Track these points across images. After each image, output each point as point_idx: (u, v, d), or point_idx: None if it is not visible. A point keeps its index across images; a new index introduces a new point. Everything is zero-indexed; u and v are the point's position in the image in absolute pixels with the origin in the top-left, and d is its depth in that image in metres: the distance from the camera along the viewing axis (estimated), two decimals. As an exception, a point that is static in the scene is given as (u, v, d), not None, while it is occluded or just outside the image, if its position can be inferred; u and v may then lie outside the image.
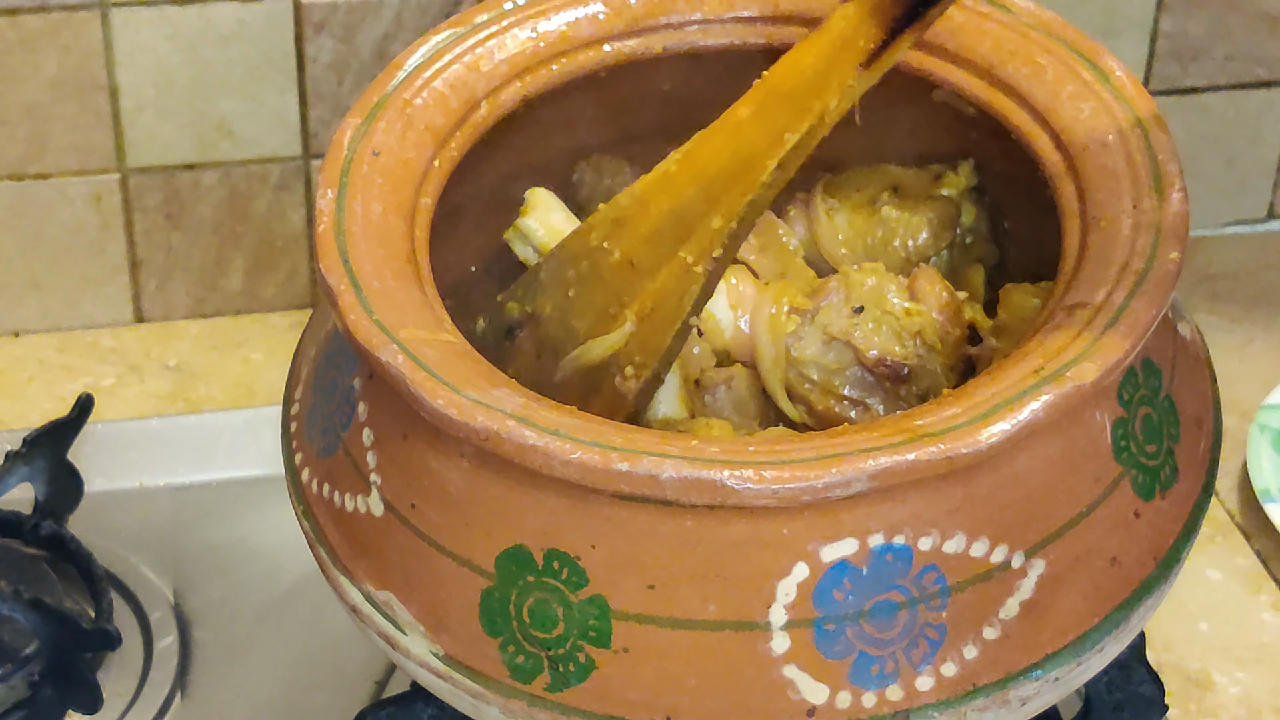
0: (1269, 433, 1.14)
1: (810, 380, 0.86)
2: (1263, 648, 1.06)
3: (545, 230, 0.92)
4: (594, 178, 0.97)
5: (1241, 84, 1.28)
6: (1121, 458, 0.80)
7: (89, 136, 1.17)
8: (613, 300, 0.86)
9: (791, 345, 0.86)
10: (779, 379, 0.86)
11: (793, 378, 0.86)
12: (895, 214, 0.92)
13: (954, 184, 0.94)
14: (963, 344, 0.87)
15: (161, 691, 1.02)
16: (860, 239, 0.93)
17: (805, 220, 0.94)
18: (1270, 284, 1.29)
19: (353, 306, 0.80)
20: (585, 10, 0.93)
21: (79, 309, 1.23)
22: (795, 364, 0.86)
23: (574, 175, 0.97)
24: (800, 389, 0.86)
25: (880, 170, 0.95)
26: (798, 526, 0.75)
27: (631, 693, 0.76)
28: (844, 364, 0.85)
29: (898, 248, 0.92)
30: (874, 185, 0.94)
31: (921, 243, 0.92)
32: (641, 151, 0.99)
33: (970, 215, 0.94)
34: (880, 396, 0.85)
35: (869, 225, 0.93)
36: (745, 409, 0.87)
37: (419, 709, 0.92)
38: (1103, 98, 0.87)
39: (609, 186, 0.97)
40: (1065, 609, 0.78)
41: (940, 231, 0.92)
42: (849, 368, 0.86)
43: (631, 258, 0.86)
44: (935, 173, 0.95)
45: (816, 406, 0.86)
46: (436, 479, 0.78)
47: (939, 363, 0.85)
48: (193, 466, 1.14)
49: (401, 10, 1.16)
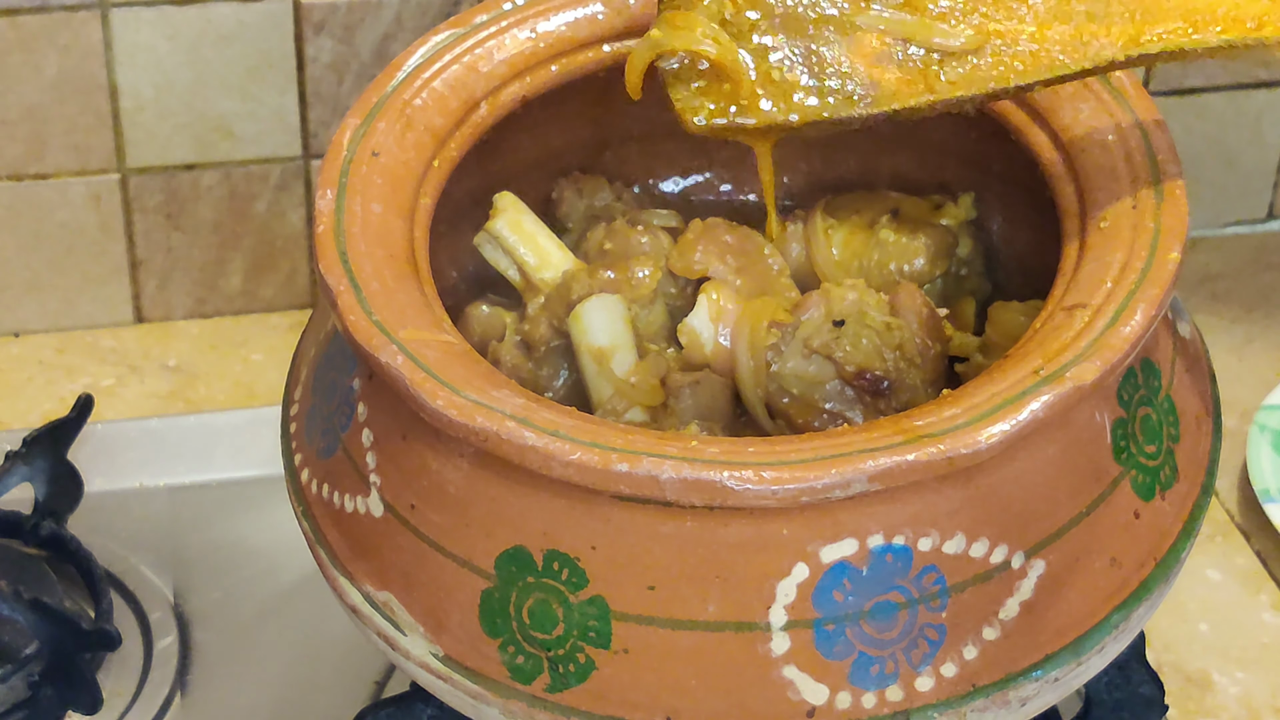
0: (1269, 433, 1.14)
1: (790, 394, 0.86)
2: (1262, 648, 1.06)
3: (515, 234, 0.91)
4: (573, 195, 0.97)
5: (1241, 84, 1.28)
6: (1121, 458, 0.80)
7: (89, 137, 1.17)
8: None
9: (772, 359, 0.86)
10: (759, 394, 0.86)
11: (772, 391, 0.86)
12: (892, 237, 0.92)
13: (953, 214, 0.94)
14: (942, 359, 0.87)
15: (161, 691, 1.02)
16: (855, 259, 0.93)
17: (802, 238, 0.94)
18: (1270, 284, 1.29)
19: (352, 307, 0.80)
20: (585, 11, 0.93)
21: (79, 309, 1.23)
22: (775, 378, 0.86)
23: (553, 193, 0.97)
24: (779, 403, 0.86)
25: (881, 195, 0.95)
26: (797, 527, 0.75)
27: (631, 693, 0.76)
28: (824, 378, 0.85)
29: (892, 271, 0.92)
30: (874, 208, 0.94)
31: (916, 268, 0.92)
32: (640, 151, 0.99)
33: (967, 247, 0.94)
34: (860, 410, 0.85)
35: (865, 247, 0.93)
36: (711, 413, 0.87)
37: (419, 709, 0.92)
38: (1102, 98, 0.87)
39: (589, 205, 0.97)
40: (1065, 609, 0.78)
41: (935, 259, 0.92)
42: (829, 381, 0.85)
43: None
44: (936, 202, 0.95)
45: (796, 420, 0.85)
46: (436, 480, 0.78)
47: (919, 377, 0.85)
48: (192, 467, 1.14)
49: (401, 10, 1.16)
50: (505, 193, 0.92)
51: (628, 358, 0.88)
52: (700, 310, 0.88)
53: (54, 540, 1.06)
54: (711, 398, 0.86)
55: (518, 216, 0.92)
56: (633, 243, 0.91)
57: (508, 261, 0.92)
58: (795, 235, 0.94)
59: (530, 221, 0.92)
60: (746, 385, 0.86)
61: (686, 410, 0.86)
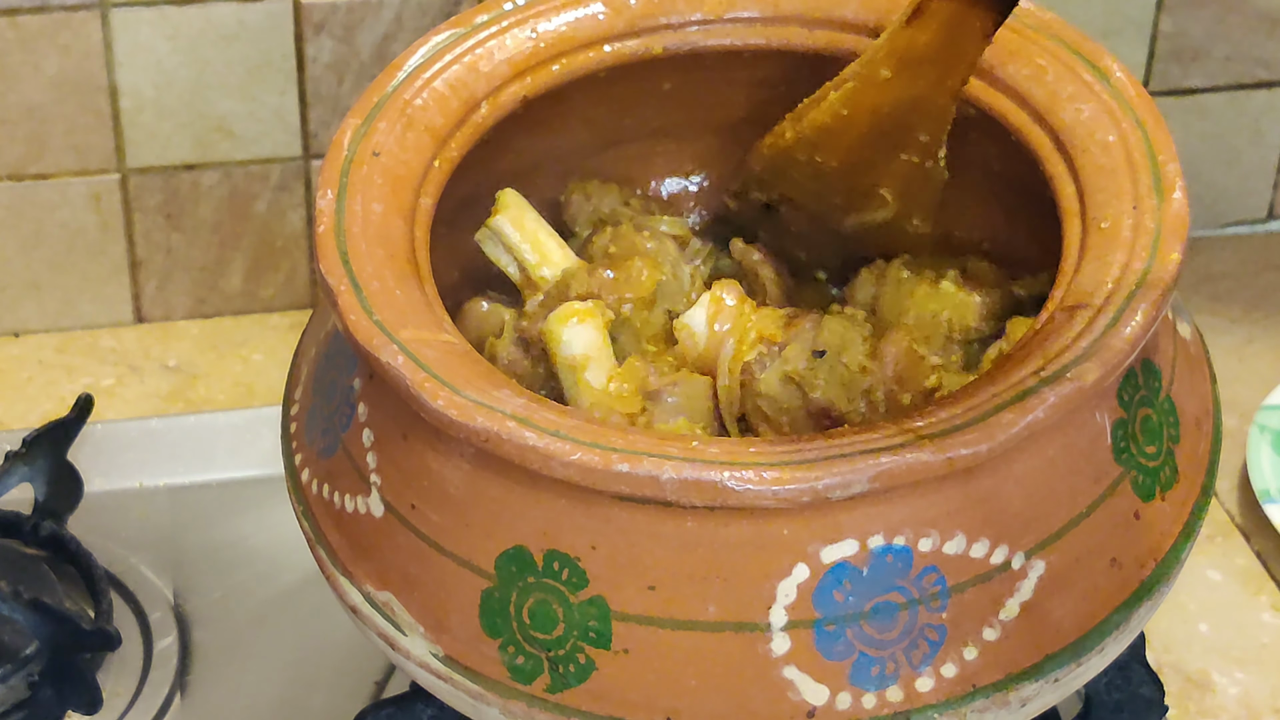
0: (1269, 433, 1.14)
1: (761, 412, 0.86)
2: (1262, 648, 1.06)
3: (517, 231, 0.91)
4: (581, 199, 0.97)
5: (1241, 84, 1.28)
6: (1121, 458, 0.80)
7: (89, 137, 1.17)
8: (863, 180, 0.90)
9: (756, 373, 0.86)
10: (732, 410, 0.87)
11: (749, 407, 0.86)
12: (952, 289, 0.92)
13: (1029, 286, 0.93)
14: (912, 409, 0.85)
15: (161, 691, 1.02)
16: (916, 307, 0.91)
17: (874, 282, 0.93)
18: (1270, 284, 1.29)
19: (353, 307, 0.80)
20: (585, 10, 0.93)
21: (79, 309, 1.23)
22: (753, 394, 0.86)
23: (561, 196, 0.97)
24: (754, 419, 0.86)
25: (963, 259, 0.94)
26: (798, 527, 0.75)
27: (631, 694, 0.76)
28: (793, 404, 0.85)
29: (943, 322, 0.91)
30: (951, 267, 0.93)
31: (969, 325, 0.91)
32: (641, 152, 0.99)
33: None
34: None
35: (928, 297, 0.92)
36: (695, 413, 0.87)
37: (419, 709, 0.92)
38: (1103, 98, 0.87)
39: (596, 209, 0.97)
40: (1065, 610, 0.78)
41: (989, 318, 0.91)
42: (798, 409, 0.85)
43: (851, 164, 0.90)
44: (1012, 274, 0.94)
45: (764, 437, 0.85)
46: (436, 480, 0.78)
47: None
48: (192, 467, 1.14)
49: (401, 10, 1.16)
50: (508, 190, 0.92)
51: (605, 366, 0.87)
52: (699, 308, 0.88)
53: (54, 540, 1.06)
54: (691, 399, 0.86)
55: (520, 213, 0.92)
56: (637, 247, 0.91)
57: (508, 258, 0.92)
58: (868, 280, 0.93)
59: (532, 219, 0.92)
60: (721, 398, 0.87)
61: (667, 412, 0.86)
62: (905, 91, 0.86)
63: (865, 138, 0.89)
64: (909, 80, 0.86)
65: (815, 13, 0.93)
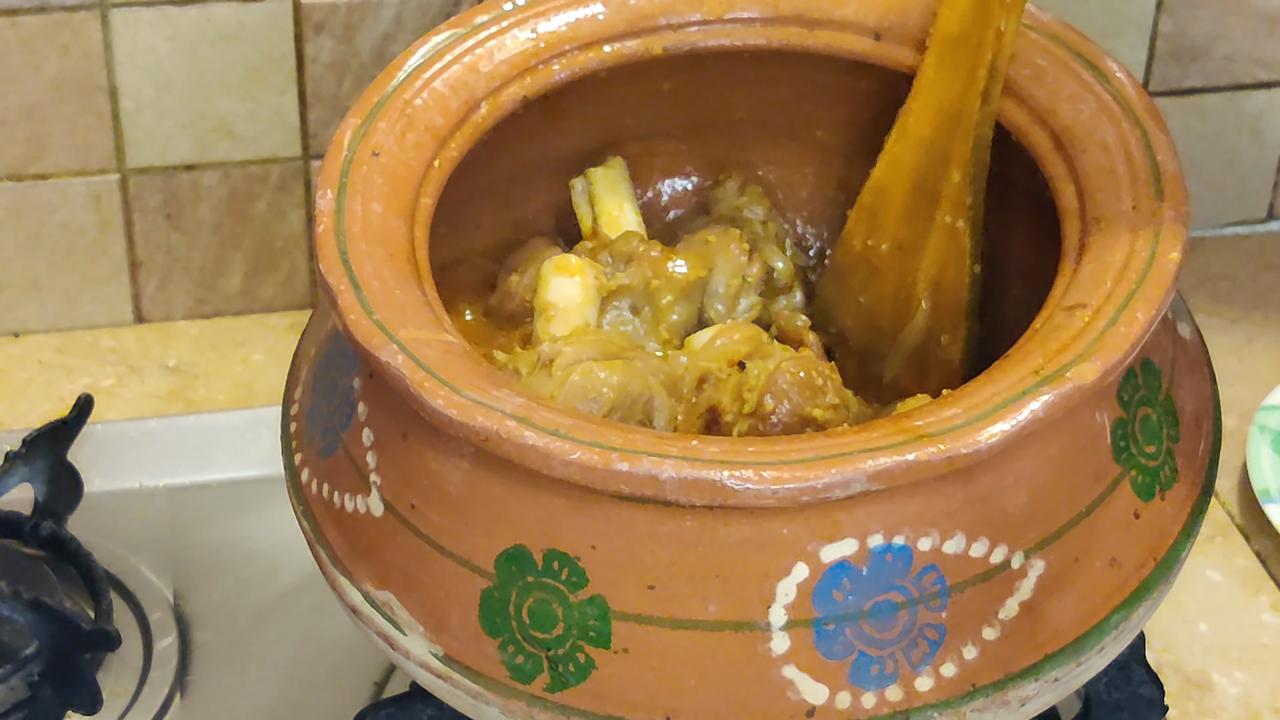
0: (1269, 433, 1.14)
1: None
2: (1262, 648, 1.06)
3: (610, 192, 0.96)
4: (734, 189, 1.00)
5: (1241, 84, 1.28)
6: (1121, 458, 0.80)
7: (89, 137, 1.17)
8: (900, 288, 0.92)
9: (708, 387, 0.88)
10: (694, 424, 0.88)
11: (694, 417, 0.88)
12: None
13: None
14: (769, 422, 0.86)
15: (161, 692, 1.02)
16: None
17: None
18: (1270, 284, 1.29)
19: (353, 306, 0.80)
20: (585, 11, 0.93)
21: (79, 309, 1.23)
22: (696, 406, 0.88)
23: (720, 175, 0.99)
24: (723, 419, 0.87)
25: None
26: (797, 527, 0.75)
27: (631, 693, 0.76)
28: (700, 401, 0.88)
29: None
30: None
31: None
32: (641, 152, 0.99)
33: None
34: None
35: None
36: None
37: (419, 709, 0.92)
38: (1103, 98, 0.87)
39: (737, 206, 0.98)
40: (1065, 609, 0.78)
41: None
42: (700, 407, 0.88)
43: (898, 242, 0.92)
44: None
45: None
46: (436, 479, 0.78)
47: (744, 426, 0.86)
48: (192, 467, 1.14)
49: (401, 10, 1.16)
50: (619, 158, 0.97)
51: (571, 321, 0.89)
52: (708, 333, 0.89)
53: (54, 540, 1.06)
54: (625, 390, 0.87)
55: (619, 178, 0.96)
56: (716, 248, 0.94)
57: (588, 209, 0.96)
58: None
59: (625, 186, 0.96)
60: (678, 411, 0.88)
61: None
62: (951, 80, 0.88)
63: (907, 205, 0.91)
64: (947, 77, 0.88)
65: (815, 13, 0.93)
